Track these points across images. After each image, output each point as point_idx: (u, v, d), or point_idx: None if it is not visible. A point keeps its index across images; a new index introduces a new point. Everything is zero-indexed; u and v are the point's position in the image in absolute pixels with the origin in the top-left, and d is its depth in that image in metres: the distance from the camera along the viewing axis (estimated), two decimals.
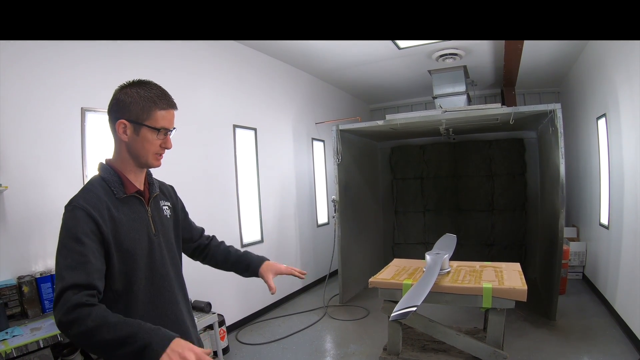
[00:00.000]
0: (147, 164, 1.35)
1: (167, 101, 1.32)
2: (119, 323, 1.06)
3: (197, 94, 3.94)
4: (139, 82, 1.32)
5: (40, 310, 2.48)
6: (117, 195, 1.29)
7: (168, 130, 1.33)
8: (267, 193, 4.90)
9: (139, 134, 1.29)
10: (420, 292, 2.11)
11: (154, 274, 1.32)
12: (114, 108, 1.30)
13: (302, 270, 1.79)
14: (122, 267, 1.24)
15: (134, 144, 1.30)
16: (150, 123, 1.28)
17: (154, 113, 1.29)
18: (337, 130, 5.03)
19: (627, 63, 3.55)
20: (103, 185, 1.28)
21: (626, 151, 3.71)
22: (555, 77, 6.18)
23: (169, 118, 1.32)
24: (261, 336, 4.16)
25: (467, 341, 2.49)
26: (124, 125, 1.28)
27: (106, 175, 1.30)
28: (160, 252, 1.36)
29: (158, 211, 1.42)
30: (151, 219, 1.37)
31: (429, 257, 2.67)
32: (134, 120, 1.27)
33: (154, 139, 1.30)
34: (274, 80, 5.15)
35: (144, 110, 1.27)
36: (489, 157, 6.14)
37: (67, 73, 2.81)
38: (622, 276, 3.86)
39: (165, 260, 1.37)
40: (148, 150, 1.31)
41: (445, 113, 4.35)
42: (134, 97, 1.27)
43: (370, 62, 5.41)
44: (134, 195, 1.34)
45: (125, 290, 1.25)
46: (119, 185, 1.30)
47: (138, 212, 1.33)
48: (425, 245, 6.51)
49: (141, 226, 1.32)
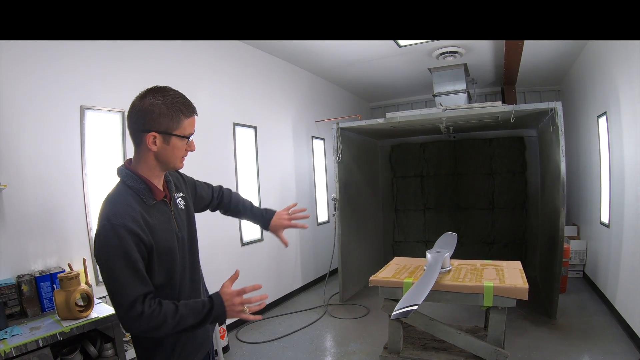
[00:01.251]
0: (175, 167, 1.42)
1: (192, 108, 1.38)
2: (187, 307, 1.29)
3: (196, 92, 3.92)
4: (159, 90, 1.33)
5: (40, 310, 2.46)
6: (147, 202, 1.34)
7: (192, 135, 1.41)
8: (267, 191, 4.88)
9: (169, 144, 1.33)
10: (421, 290, 2.10)
11: (184, 265, 1.45)
12: (140, 120, 1.31)
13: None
14: (162, 266, 1.34)
15: (164, 152, 1.34)
16: (179, 132, 1.34)
17: (182, 122, 1.34)
18: (337, 128, 5.02)
19: (628, 61, 3.54)
20: (132, 194, 1.33)
21: (627, 150, 3.70)
22: (555, 75, 6.16)
23: (192, 124, 1.39)
24: (261, 335, 4.15)
25: (467, 340, 2.48)
26: (154, 137, 1.31)
27: (133, 183, 1.34)
28: (184, 247, 1.46)
29: (177, 208, 1.49)
30: (174, 218, 1.45)
31: (429, 255, 2.66)
32: (164, 131, 1.31)
33: (182, 146, 1.37)
34: (273, 78, 5.14)
35: (173, 120, 1.31)
36: (489, 155, 6.14)
37: (67, 72, 2.80)
38: (623, 275, 3.86)
39: (185, 253, 1.47)
40: (177, 156, 1.38)
41: (446, 111, 4.34)
42: (161, 108, 1.30)
43: (371, 59, 5.39)
44: (160, 200, 1.41)
45: (166, 283, 1.37)
46: (147, 192, 1.35)
47: (165, 213, 1.41)
48: (426, 244, 6.51)
49: (170, 226, 1.40)
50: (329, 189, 6.41)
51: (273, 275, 4.97)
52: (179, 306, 1.28)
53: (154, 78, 3.41)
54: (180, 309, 1.28)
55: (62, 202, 2.75)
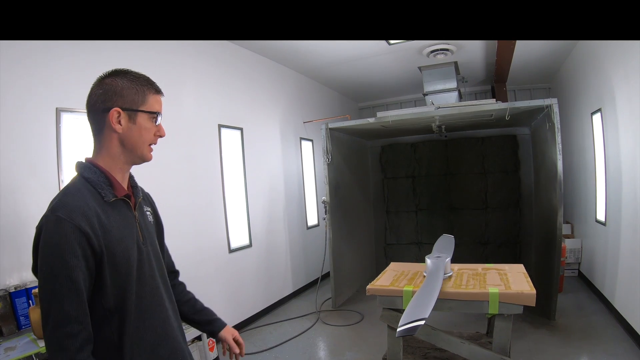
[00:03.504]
0: (143, 156, 1.21)
1: (156, 86, 1.24)
2: None
3: (180, 93, 3.74)
4: (119, 71, 1.19)
5: (16, 327, 2.31)
6: (106, 198, 1.13)
7: (159, 116, 1.24)
8: (254, 195, 4.71)
9: (135, 122, 1.17)
10: (426, 301, 1.96)
11: (143, 287, 1.18)
12: (100, 99, 1.14)
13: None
14: (115, 281, 1.10)
15: (130, 134, 1.16)
16: (146, 108, 1.18)
17: (148, 97, 1.19)
18: (326, 129, 4.87)
19: (624, 57, 3.47)
20: (88, 188, 1.12)
21: (624, 146, 3.63)
22: (546, 73, 6.11)
23: (160, 103, 1.24)
24: (252, 345, 3.97)
25: (472, 349, 2.34)
26: (118, 113, 1.14)
27: (91, 175, 1.14)
28: (150, 263, 1.22)
29: (143, 217, 1.28)
30: (138, 226, 1.22)
31: (429, 261, 2.52)
32: (129, 107, 1.15)
33: (151, 126, 1.20)
34: (260, 78, 4.97)
35: (138, 94, 1.17)
36: (481, 155, 6.05)
37: (41, 71, 2.60)
38: (621, 273, 3.78)
39: (154, 272, 1.23)
40: (145, 139, 1.19)
41: (439, 109, 4.23)
42: (124, 83, 1.16)
43: (360, 58, 5.26)
44: (121, 199, 1.19)
45: (117, 307, 1.11)
46: (107, 186, 1.15)
47: (127, 217, 1.19)
48: (419, 246, 6.39)
49: (131, 234, 1.17)
50: (318, 192, 6.26)
51: (262, 281, 4.79)
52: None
53: None
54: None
55: (38, 212, 2.53)
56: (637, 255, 3.37)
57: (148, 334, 1.17)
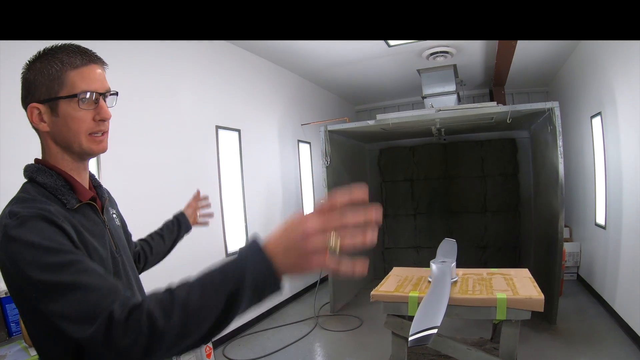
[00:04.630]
0: (84, 151, 0.96)
1: (82, 56, 0.95)
2: (202, 283, 0.71)
3: (177, 94, 3.67)
4: (44, 51, 0.95)
5: (7, 335, 2.19)
6: (69, 205, 0.92)
7: (99, 95, 0.95)
8: (252, 198, 4.64)
9: (58, 114, 0.92)
10: (436, 308, 1.91)
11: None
12: (22, 94, 0.95)
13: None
14: None
15: (58, 130, 0.93)
16: (66, 92, 0.91)
17: (66, 77, 0.91)
18: (325, 131, 4.81)
19: (625, 60, 3.46)
20: (45, 195, 0.91)
21: (625, 150, 3.61)
22: (544, 77, 6.11)
23: (91, 78, 0.94)
24: (250, 351, 3.90)
25: (478, 356, 2.29)
26: (37, 110, 0.92)
27: (46, 179, 0.92)
28: (125, 273, 1.04)
29: (112, 222, 1.09)
30: (109, 232, 1.03)
31: (434, 266, 2.47)
32: (46, 97, 0.91)
33: (83, 115, 0.93)
34: (258, 79, 4.91)
35: (52, 78, 0.91)
36: (480, 158, 6.02)
37: None
38: (622, 277, 3.76)
39: (131, 283, 1.06)
40: (77, 130, 0.93)
41: (440, 112, 4.19)
42: (38, 68, 0.92)
43: (359, 60, 5.22)
44: (87, 203, 0.98)
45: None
46: (68, 191, 0.94)
47: (96, 224, 0.99)
48: (417, 250, 6.35)
49: (104, 242, 0.98)
50: (316, 195, 6.20)
51: None
52: (179, 288, 0.71)
53: (131, 79, 3.16)
54: (192, 285, 0.71)
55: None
56: (638, 259, 3.35)
57: None
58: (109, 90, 0.98)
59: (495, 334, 2.70)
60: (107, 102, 0.98)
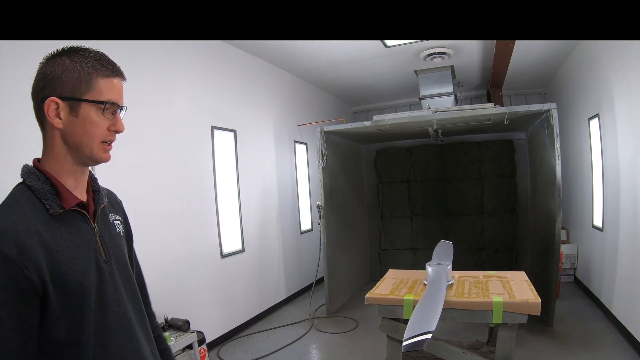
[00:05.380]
0: (92, 157, 0.98)
1: (112, 67, 0.99)
2: None
3: (172, 94, 3.62)
4: (70, 49, 0.97)
5: None
6: (51, 210, 0.92)
7: (117, 107, 0.99)
8: (247, 199, 4.60)
9: (78, 114, 0.94)
10: (431, 312, 1.88)
11: (106, 315, 0.97)
12: (39, 85, 0.94)
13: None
14: (67, 312, 0.90)
15: (73, 130, 0.94)
16: (92, 96, 0.94)
17: (95, 82, 0.94)
18: (321, 132, 4.78)
19: (623, 62, 3.44)
20: (30, 199, 0.91)
21: (622, 152, 3.59)
22: (542, 78, 6.10)
23: (116, 90, 0.99)
24: (245, 353, 3.86)
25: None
26: (56, 104, 0.92)
27: (34, 182, 0.93)
28: (114, 284, 1.01)
29: (107, 228, 1.06)
30: (99, 240, 1.01)
31: (430, 268, 2.44)
32: (69, 95, 0.92)
33: (99, 119, 0.96)
34: (254, 79, 4.87)
35: (81, 79, 0.93)
36: (477, 159, 6.01)
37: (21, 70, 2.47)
38: (620, 279, 3.74)
39: (120, 295, 1.02)
40: (93, 135, 0.95)
41: (437, 113, 4.17)
42: (66, 65, 0.93)
43: (356, 61, 5.19)
44: (74, 210, 0.97)
45: (72, 340, 0.91)
46: (52, 196, 0.93)
47: (81, 232, 0.97)
48: (414, 251, 6.32)
49: (87, 252, 0.96)
50: (312, 196, 6.16)
51: (256, 287, 4.68)
52: None
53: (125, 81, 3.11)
54: None
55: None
56: (636, 261, 3.33)
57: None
58: (123, 106, 1.02)
59: (491, 337, 2.67)
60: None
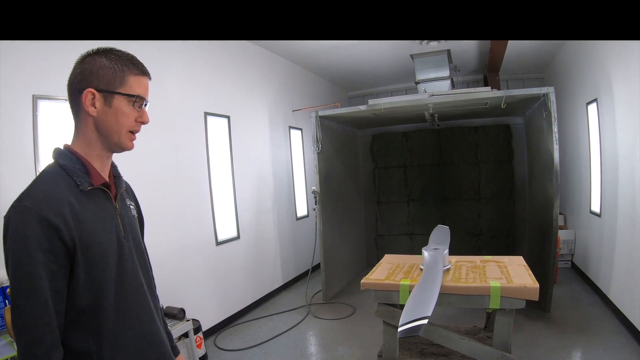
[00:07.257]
0: (120, 144, 1.11)
1: (142, 67, 1.14)
2: None
3: (164, 80, 3.53)
4: (103, 50, 1.10)
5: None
6: (81, 186, 1.04)
7: (144, 102, 1.14)
8: (242, 185, 4.54)
9: (111, 105, 1.07)
10: (427, 297, 1.84)
11: (125, 285, 1.09)
12: (77, 78, 1.07)
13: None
14: (89, 279, 1.01)
15: (105, 118, 1.07)
16: (124, 90, 1.08)
17: (127, 78, 1.09)
18: (316, 117, 4.71)
19: (621, 46, 3.39)
20: (62, 175, 1.04)
21: (621, 137, 3.55)
22: (540, 63, 6.02)
23: (144, 86, 1.14)
24: (242, 340, 3.84)
25: (472, 345, 2.24)
26: (92, 95, 1.05)
27: (66, 162, 1.05)
28: (132, 258, 1.13)
29: (125, 209, 1.19)
30: (120, 219, 1.13)
31: (426, 253, 2.40)
32: (105, 88, 1.06)
33: (129, 111, 1.10)
34: (247, 64, 4.77)
35: (115, 75, 1.07)
36: (474, 144, 5.95)
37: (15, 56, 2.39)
38: (617, 265, 3.73)
39: (137, 270, 1.14)
40: (122, 124, 1.09)
41: (433, 97, 4.10)
42: (102, 62, 1.07)
43: (351, 45, 5.09)
44: (99, 188, 1.10)
45: (92, 306, 1.02)
46: (83, 174, 1.06)
47: (105, 209, 1.10)
48: (410, 237, 6.30)
49: (110, 226, 1.09)
50: (308, 182, 6.11)
51: (252, 274, 4.65)
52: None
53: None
54: None
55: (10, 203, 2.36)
56: (634, 247, 3.31)
57: (131, 338, 1.08)
58: (147, 102, 1.17)
59: (488, 322, 2.65)
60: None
